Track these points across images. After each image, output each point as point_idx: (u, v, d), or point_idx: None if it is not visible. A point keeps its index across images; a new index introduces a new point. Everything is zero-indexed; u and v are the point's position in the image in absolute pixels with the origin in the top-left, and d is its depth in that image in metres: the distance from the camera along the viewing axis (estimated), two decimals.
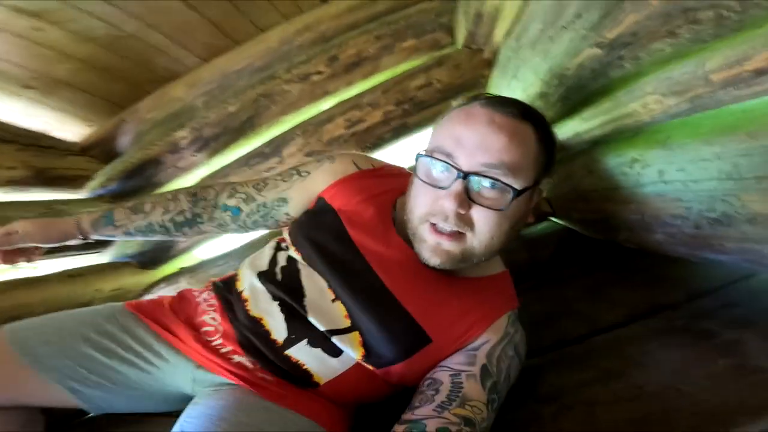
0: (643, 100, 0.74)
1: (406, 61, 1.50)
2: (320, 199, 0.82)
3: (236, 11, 1.34)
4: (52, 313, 0.81)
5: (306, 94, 1.55)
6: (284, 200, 0.86)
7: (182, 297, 0.85)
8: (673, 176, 0.73)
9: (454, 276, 0.73)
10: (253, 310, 0.75)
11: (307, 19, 1.50)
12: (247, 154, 1.58)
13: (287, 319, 0.72)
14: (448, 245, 0.66)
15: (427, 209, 0.67)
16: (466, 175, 0.63)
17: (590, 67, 0.81)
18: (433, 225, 0.67)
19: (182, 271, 1.61)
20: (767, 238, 0.53)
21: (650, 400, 0.55)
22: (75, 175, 1.49)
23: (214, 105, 1.51)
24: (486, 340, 0.68)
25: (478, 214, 0.65)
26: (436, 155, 0.66)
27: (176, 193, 0.90)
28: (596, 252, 1.01)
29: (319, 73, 1.52)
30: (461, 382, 0.61)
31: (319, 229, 0.77)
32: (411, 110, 1.48)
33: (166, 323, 0.79)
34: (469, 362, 0.65)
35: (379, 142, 1.53)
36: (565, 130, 1.07)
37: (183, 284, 1.57)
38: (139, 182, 1.54)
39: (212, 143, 1.53)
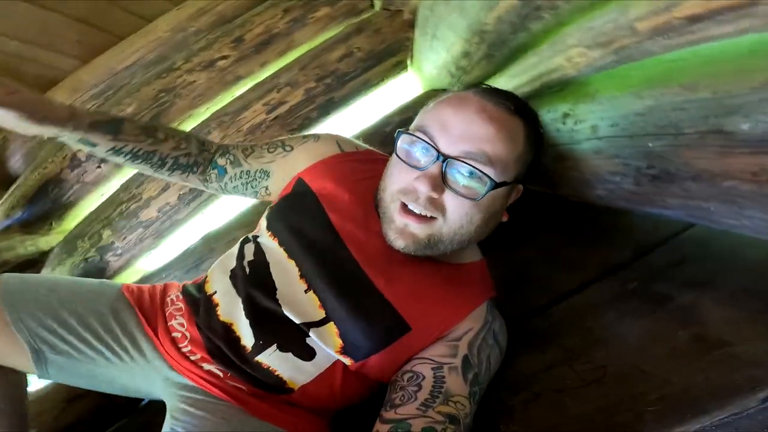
0: (566, 53, 0.68)
1: (321, 32, 1.37)
2: (299, 180, 0.78)
3: (108, 4, 1.16)
4: (53, 276, 0.84)
5: (215, 82, 1.40)
6: (266, 173, 0.83)
7: (163, 293, 0.83)
8: (606, 131, 0.69)
9: (434, 262, 0.71)
10: (224, 315, 0.71)
11: (200, 2, 1.32)
12: None
13: (252, 324, 0.68)
14: (415, 227, 0.64)
15: (400, 187, 0.65)
16: (445, 159, 0.61)
17: (509, 21, 0.73)
18: (404, 205, 0.64)
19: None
20: (714, 195, 0.50)
21: (615, 384, 0.53)
22: None
23: (108, 108, 1.33)
24: (467, 329, 0.66)
25: (450, 200, 0.63)
26: (417, 134, 0.64)
27: (189, 134, 0.87)
28: (543, 207, 0.98)
29: (225, 57, 1.37)
30: (443, 376, 0.60)
31: (298, 212, 0.75)
32: (335, 84, 1.36)
33: (151, 317, 0.77)
34: (451, 353, 0.63)
35: (307, 123, 1.40)
36: None
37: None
38: (47, 205, 1.37)
39: None
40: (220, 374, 0.69)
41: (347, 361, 0.66)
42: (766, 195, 0.42)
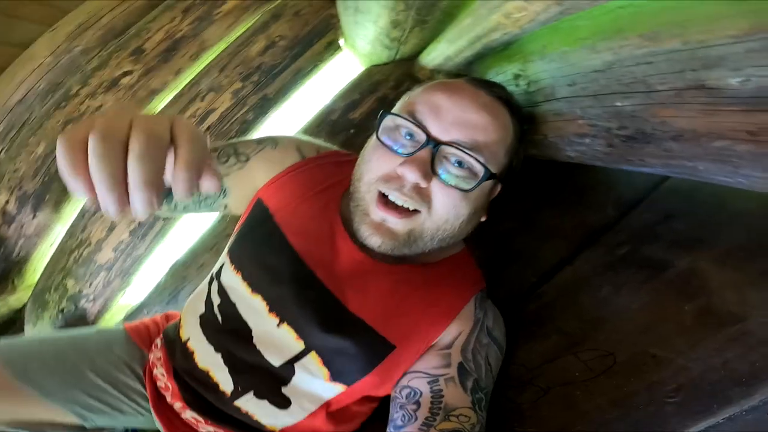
0: (503, 9, 0.59)
1: (234, 26, 1.22)
2: (258, 202, 0.71)
3: None
4: (45, 336, 0.76)
5: (127, 102, 1.25)
6: (221, 190, 0.71)
7: (157, 330, 0.81)
8: (565, 92, 0.61)
9: (410, 264, 0.65)
10: (201, 363, 0.68)
11: (79, 18, 1.15)
12: None
13: (231, 371, 0.65)
14: (395, 223, 0.58)
15: (381, 173, 0.58)
16: (436, 145, 0.55)
17: None
18: (383, 197, 0.58)
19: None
20: (701, 155, 0.45)
21: (627, 373, 0.49)
22: None
23: (15, 152, 1.19)
24: (457, 333, 0.62)
25: (438, 190, 0.57)
26: (406, 116, 0.57)
27: None
28: None
29: (129, 73, 1.21)
30: (440, 390, 0.56)
31: (257, 241, 0.68)
32: (264, 80, 1.23)
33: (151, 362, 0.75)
34: (444, 364, 0.59)
35: (245, 127, 1.28)
36: (434, 57, 0.91)
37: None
38: (0, 265, 1.30)
39: (46, 196, 1.24)
40: (201, 420, 0.67)
41: (340, 387, 0.62)
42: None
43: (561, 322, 0.64)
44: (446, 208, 0.58)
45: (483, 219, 0.65)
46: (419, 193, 0.56)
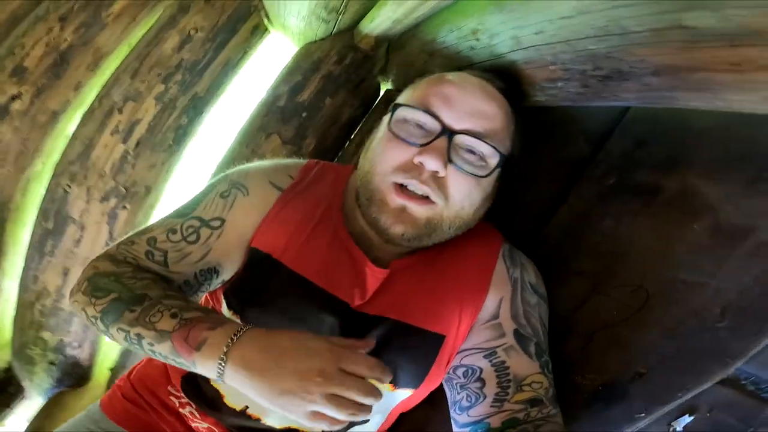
0: None
1: (133, 26, 1.07)
2: (254, 252, 0.63)
3: None
4: None
5: (27, 130, 1.10)
6: (212, 271, 0.64)
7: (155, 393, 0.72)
8: (532, 40, 0.63)
9: (425, 250, 0.65)
10: (253, 411, 0.65)
11: None
12: (30, 240, 1.19)
13: None
14: (415, 209, 0.58)
15: (397, 164, 0.58)
16: (452, 134, 0.57)
17: None
18: (398, 186, 0.58)
19: None
20: (679, 86, 0.49)
21: (666, 304, 0.51)
22: None
23: None
24: (498, 300, 0.61)
25: (454, 178, 0.58)
26: (419, 107, 0.59)
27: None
28: None
29: (17, 97, 1.05)
30: (503, 361, 0.57)
31: (277, 293, 0.61)
32: (189, 78, 1.12)
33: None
34: (497, 335, 0.59)
35: (181, 133, 1.17)
36: (379, 23, 0.88)
37: None
38: None
39: None
40: None
41: (408, 392, 0.62)
42: (749, 81, 0.42)
43: (576, 263, 0.66)
44: (462, 195, 0.59)
45: (487, 205, 0.65)
46: (436, 181, 0.57)
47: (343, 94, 1.05)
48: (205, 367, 0.48)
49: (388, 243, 0.62)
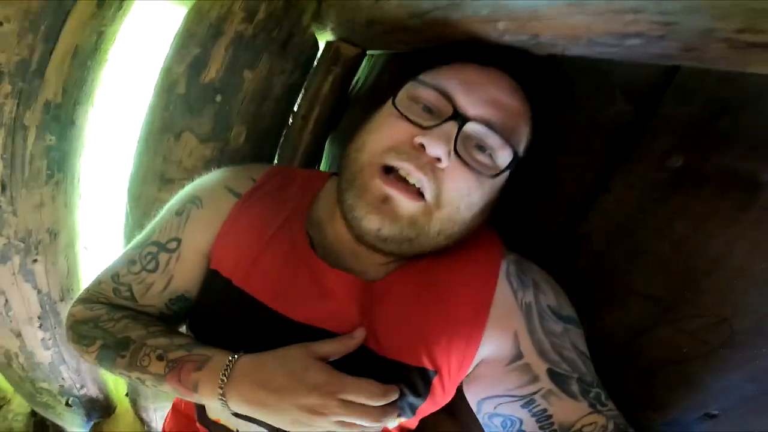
0: None
1: None
2: (213, 274, 0.58)
3: None
4: None
5: None
6: (183, 299, 0.60)
7: None
8: None
9: (420, 263, 0.56)
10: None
11: None
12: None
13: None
14: (400, 200, 0.50)
15: (392, 143, 0.51)
16: (464, 120, 0.50)
17: None
18: (386, 170, 0.51)
19: None
20: None
21: (757, 344, 0.40)
22: None
23: None
24: (512, 333, 0.52)
25: (455, 173, 0.50)
26: (433, 84, 0.52)
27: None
28: None
29: None
30: (544, 410, 0.49)
31: (226, 316, 0.56)
32: (23, 84, 0.78)
33: None
34: (531, 378, 0.50)
35: (58, 156, 0.89)
36: None
37: None
38: None
39: None
40: None
41: (401, 419, 0.57)
42: None
43: (632, 278, 0.50)
44: (460, 194, 0.50)
45: (488, 215, 0.56)
46: (433, 171, 0.49)
47: (266, 61, 0.76)
48: (210, 404, 0.51)
49: (361, 245, 0.54)
